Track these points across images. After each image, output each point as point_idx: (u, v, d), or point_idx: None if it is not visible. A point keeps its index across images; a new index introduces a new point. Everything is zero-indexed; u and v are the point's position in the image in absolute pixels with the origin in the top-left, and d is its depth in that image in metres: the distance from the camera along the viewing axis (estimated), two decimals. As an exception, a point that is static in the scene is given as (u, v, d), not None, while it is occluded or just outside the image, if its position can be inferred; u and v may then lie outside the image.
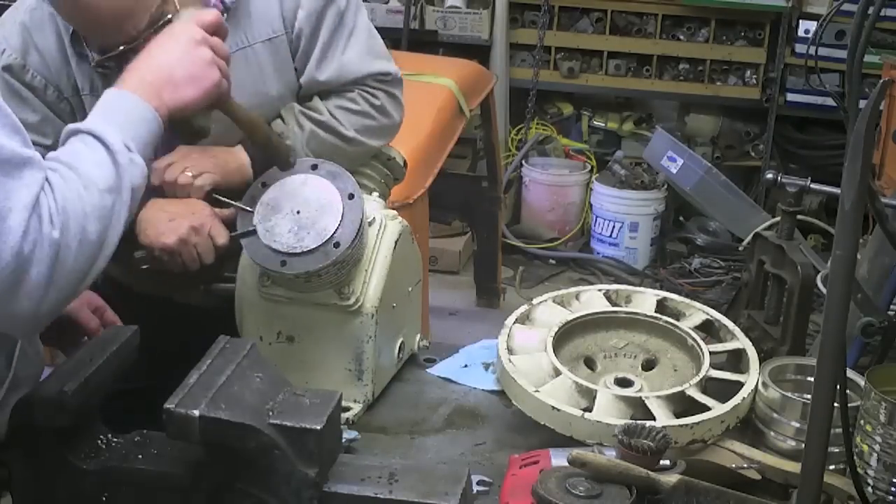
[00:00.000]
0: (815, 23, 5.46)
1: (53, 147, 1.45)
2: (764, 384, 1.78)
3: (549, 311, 2.05)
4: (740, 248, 2.52)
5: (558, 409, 1.74)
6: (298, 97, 2.07)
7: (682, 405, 1.79)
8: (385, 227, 1.90)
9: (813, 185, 2.15)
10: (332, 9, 2.01)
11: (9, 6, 1.98)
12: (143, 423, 1.48)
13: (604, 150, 6.36)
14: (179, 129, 1.67)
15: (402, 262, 1.95)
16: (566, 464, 1.47)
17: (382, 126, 2.12)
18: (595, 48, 6.18)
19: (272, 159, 1.77)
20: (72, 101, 1.94)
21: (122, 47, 1.73)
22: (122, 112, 1.48)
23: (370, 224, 1.87)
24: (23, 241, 1.25)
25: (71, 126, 1.46)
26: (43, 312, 1.31)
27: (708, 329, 2.03)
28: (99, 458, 1.41)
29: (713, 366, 1.88)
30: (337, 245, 1.76)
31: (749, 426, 1.80)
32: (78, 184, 1.35)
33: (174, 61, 1.55)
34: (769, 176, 2.22)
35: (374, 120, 2.09)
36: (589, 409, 1.76)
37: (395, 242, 1.91)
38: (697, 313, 2.05)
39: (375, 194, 2.01)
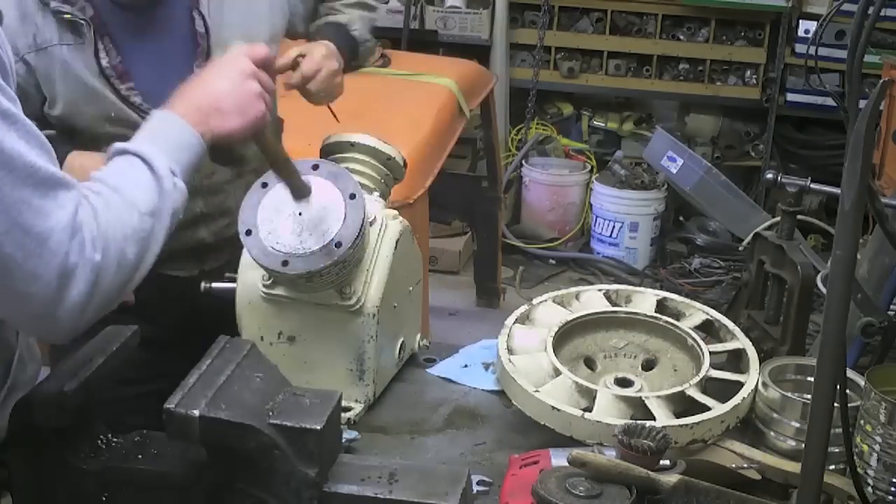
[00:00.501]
0: (815, 23, 5.45)
1: None
2: (764, 384, 1.78)
3: (549, 311, 2.05)
4: (740, 248, 2.52)
5: (558, 409, 1.74)
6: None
7: (682, 405, 1.79)
8: (386, 226, 1.91)
9: (813, 185, 2.15)
10: None
11: None
12: (143, 423, 1.48)
13: (604, 150, 6.36)
14: (219, 155, 1.69)
15: (402, 263, 1.95)
16: (566, 464, 1.47)
17: None
18: (595, 48, 6.18)
19: (293, 191, 1.78)
20: (28, 58, 1.93)
21: None
22: (170, 136, 1.51)
23: (371, 224, 1.87)
24: (65, 261, 1.28)
25: (118, 145, 1.47)
26: (79, 326, 1.35)
27: (708, 329, 2.03)
28: (99, 458, 1.41)
29: (713, 366, 1.88)
30: (339, 245, 1.76)
31: (749, 426, 1.80)
32: (120, 207, 1.38)
33: (224, 91, 1.57)
34: (769, 176, 2.22)
35: None
36: (589, 409, 1.76)
37: (396, 242, 1.91)
38: (697, 313, 2.05)
39: (376, 194, 2.01)
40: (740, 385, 1.82)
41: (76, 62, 1.95)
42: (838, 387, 1.34)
